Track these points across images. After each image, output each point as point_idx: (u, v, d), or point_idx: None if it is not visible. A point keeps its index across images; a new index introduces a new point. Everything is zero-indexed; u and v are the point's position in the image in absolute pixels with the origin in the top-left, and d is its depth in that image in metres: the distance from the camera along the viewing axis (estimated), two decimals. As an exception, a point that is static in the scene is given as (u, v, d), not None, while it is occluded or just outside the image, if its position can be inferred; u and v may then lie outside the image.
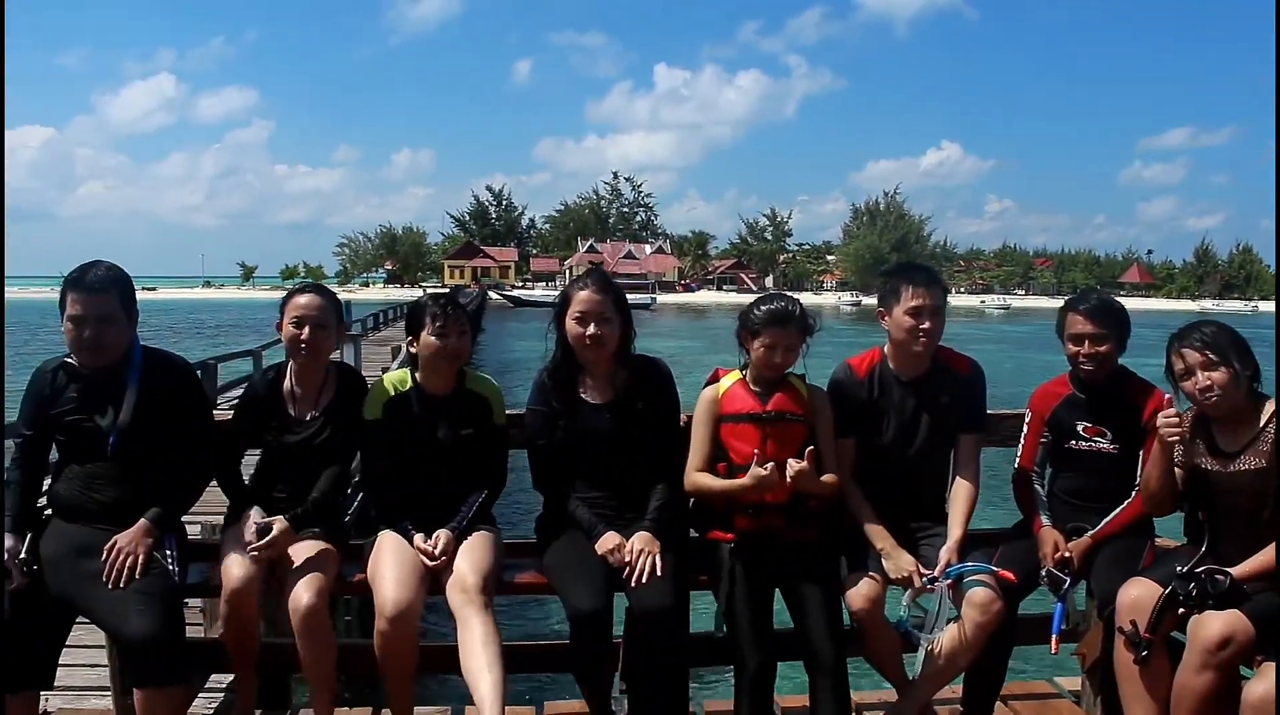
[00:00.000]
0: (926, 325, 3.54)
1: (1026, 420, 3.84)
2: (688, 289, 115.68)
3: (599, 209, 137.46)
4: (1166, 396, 3.33)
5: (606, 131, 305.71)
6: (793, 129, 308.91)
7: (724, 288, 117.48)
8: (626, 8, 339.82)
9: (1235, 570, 3.14)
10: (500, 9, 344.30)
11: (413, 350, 3.61)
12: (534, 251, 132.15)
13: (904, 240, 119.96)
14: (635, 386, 3.59)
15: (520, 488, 4.01)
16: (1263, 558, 3.14)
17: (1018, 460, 3.84)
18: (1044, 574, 3.52)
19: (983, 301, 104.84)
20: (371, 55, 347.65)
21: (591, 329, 3.49)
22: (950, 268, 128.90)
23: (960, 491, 3.64)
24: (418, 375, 3.64)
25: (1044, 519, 3.69)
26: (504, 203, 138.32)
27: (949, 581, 3.43)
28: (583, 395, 3.60)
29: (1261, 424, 3.23)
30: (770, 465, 3.31)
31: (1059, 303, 4.13)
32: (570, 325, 3.53)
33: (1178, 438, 3.25)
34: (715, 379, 3.61)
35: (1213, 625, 3.04)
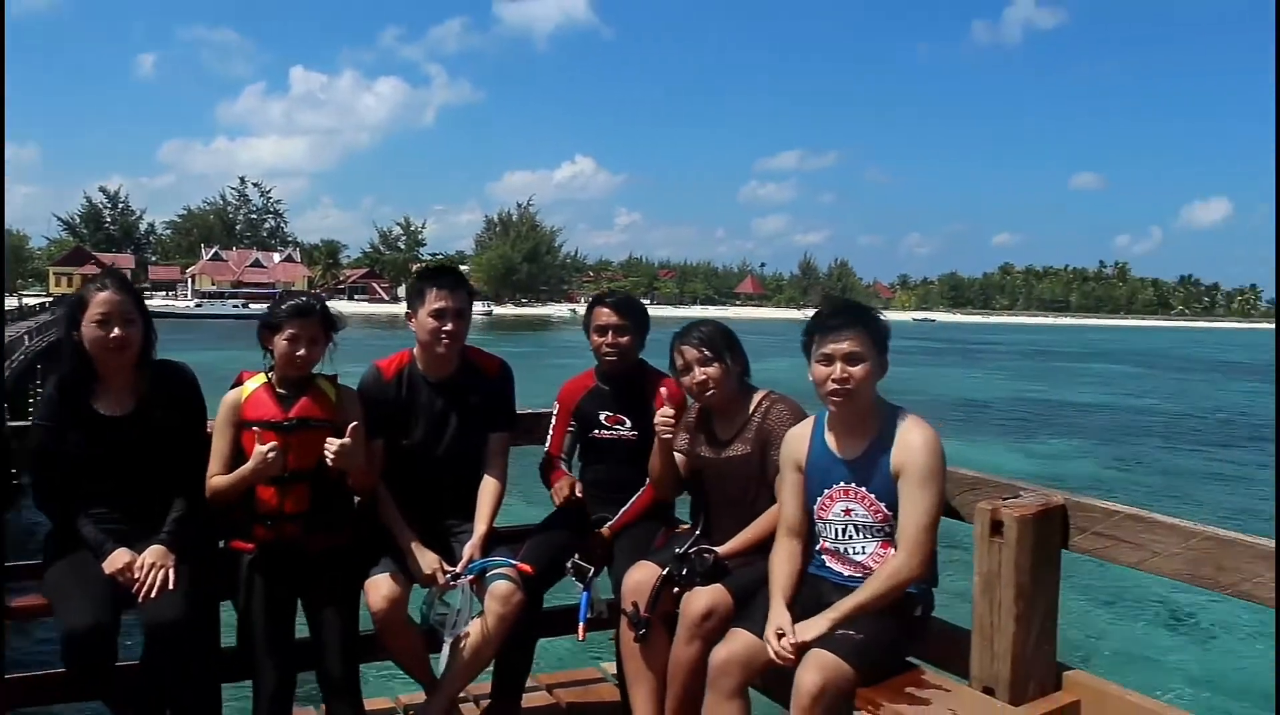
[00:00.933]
0: (449, 327, 3.59)
1: (555, 412, 4.02)
2: (317, 299, 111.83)
3: (225, 215, 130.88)
4: (663, 388, 3.55)
5: (238, 134, 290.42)
6: (432, 138, 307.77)
7: (355, 298, 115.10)
8: (261, 5, 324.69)
9: (721, 548, 3.41)
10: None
11: None
12: (153, 259, 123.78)
13: (535, 251, 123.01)
14: (156, 395, 3.40)
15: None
16: (745, 536, 3.43)
17: (546, 448, 4.01)
18: (569, 565, 3.67)
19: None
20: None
21: (115, 332, 3.27)
22: (580, 278, 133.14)
23: (486, 488, 3.72)
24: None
25: (565, 470, 3.93)
26: (120, 206, 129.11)
27: (471, 577, 3.50)
28: (96, 407, 3.36)
29: (749, 413, 3.53)
30: (273, 445, 3.27)
31: (681, 312, 4.37)
32: (90, 329, 3.29)
33: (670, 434, 3.49)
34: (239, 382, 3.50)
35: (698, 600, 3.28)
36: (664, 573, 3.38)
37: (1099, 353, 79.68)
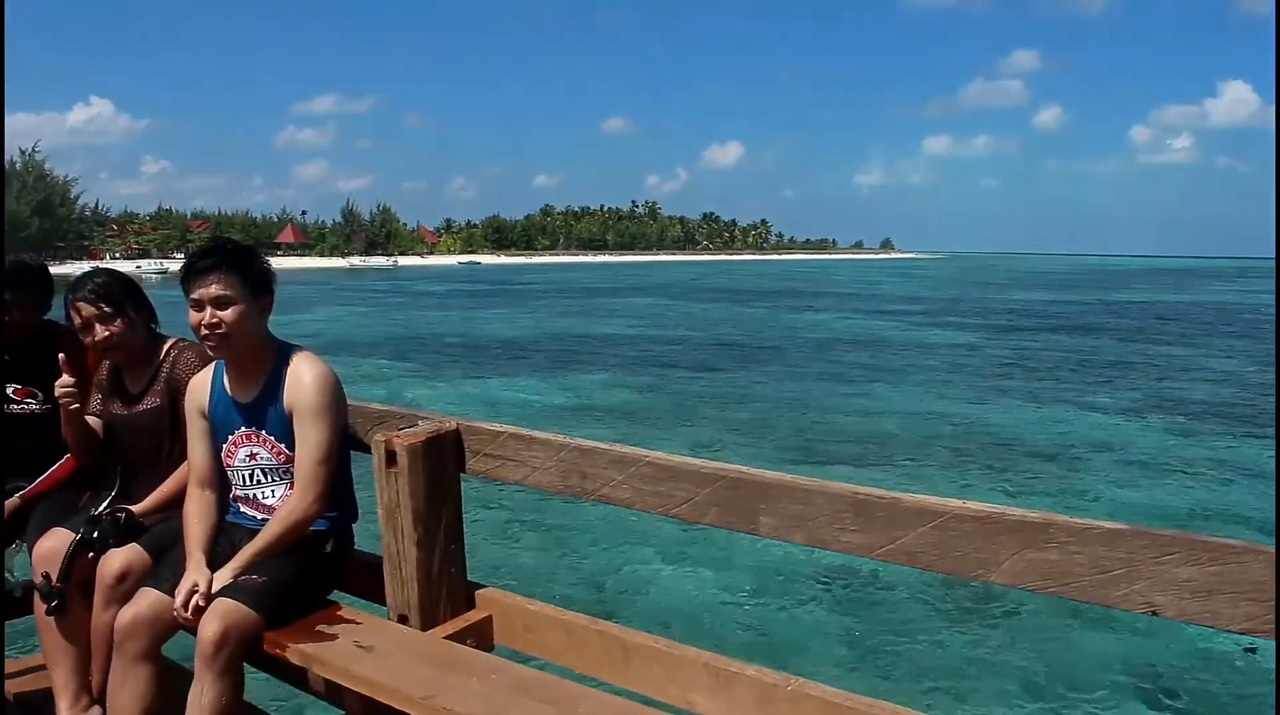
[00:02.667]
0: None
1: None
2: None
3: None
4: (62, 358, 3.22)
5: None
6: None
7: None
8: None
9: (136, 506, 3.24)
10: None
11: None
12: None
13: (48, 203, 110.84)
14: None
15: None
16: (161, 491, 3.28)
17: None
18: None
19: (139, 266, 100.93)
20: None
21: None
22: (103, 232, 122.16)
23: None
24: None
25: None
26: None
27: None
28: None
29: (158, 363, 3.35)
30: None
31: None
32: None
33: (75, 404, 3.24)
34: None
35: (113, 562, 3.08)
36: (77, 537, 3.15)
37: (634, 288, 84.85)
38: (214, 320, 2.89)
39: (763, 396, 24.04)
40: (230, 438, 3.06)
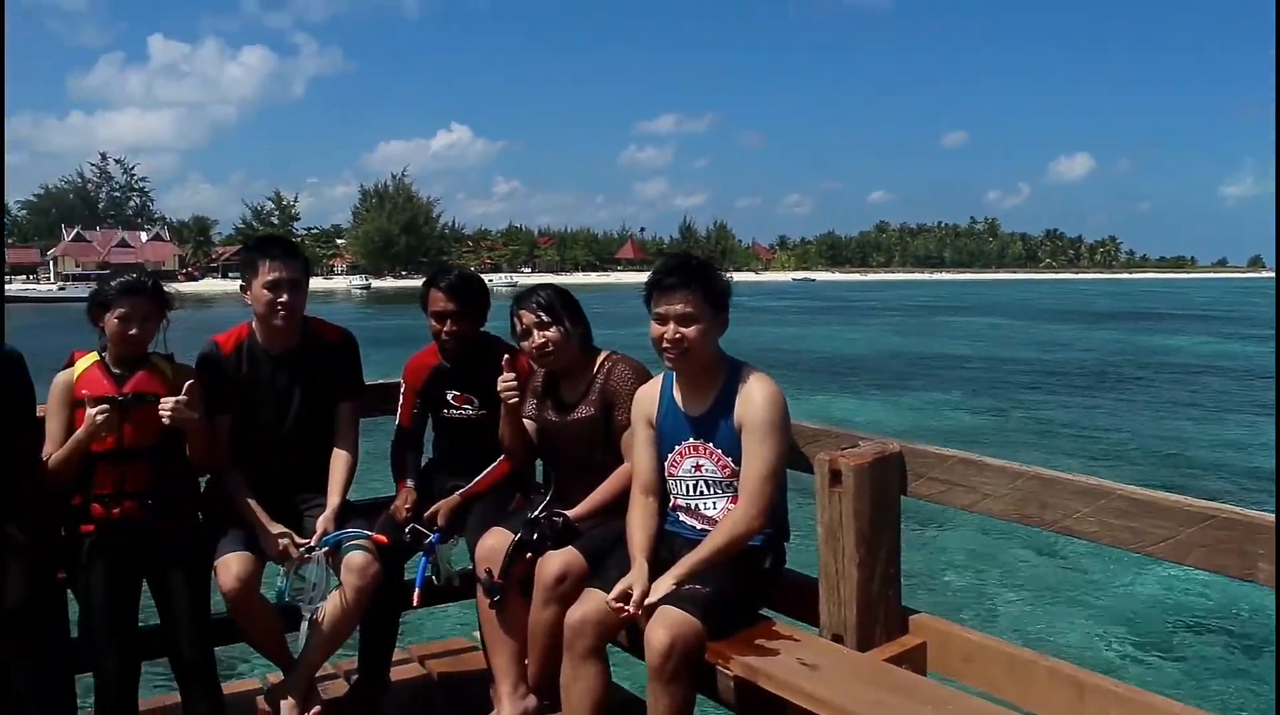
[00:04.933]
0: (285, 298, 3.50)
1: (402, 390, 3.95)
2: (190, 278, 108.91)
3: (86, 193, 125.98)
4: (505, 357, 3.49)
5: (95, 108, 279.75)
6: (302, 109, 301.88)
7: (229, 276, 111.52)
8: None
9: (571, 511, 3.41)
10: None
11: None
12: (11, 241, 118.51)
13: (413, 222, 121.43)
14: None
15: None
16: (594, 498, 3.44)
17: (396, 426, 3.95)
18: (407, 531, 3.64)
19: (491, 280, 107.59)
20: None
21: None
22: (460, 248, 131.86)
23: (338, 460, 3.67)
24: None
25: (409, 482, 3.83)
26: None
27: (325, 550, 3.45)
28: None
29: (592, 375, 3.53)
30: (104, 407, 3.16)
31: (562, 279, 4.28)
32: None
33: (516, 398, 3.47)
34: (71, 362, 3.38)
35: (552, 564, 3.27)
36: (516, 538, 3.37)
37: (973, 307, 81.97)
38: (677, 336, 3.02)
39: (1119, 424, 22.49)
40: (676, 448, 3.18)
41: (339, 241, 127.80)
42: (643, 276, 3.77)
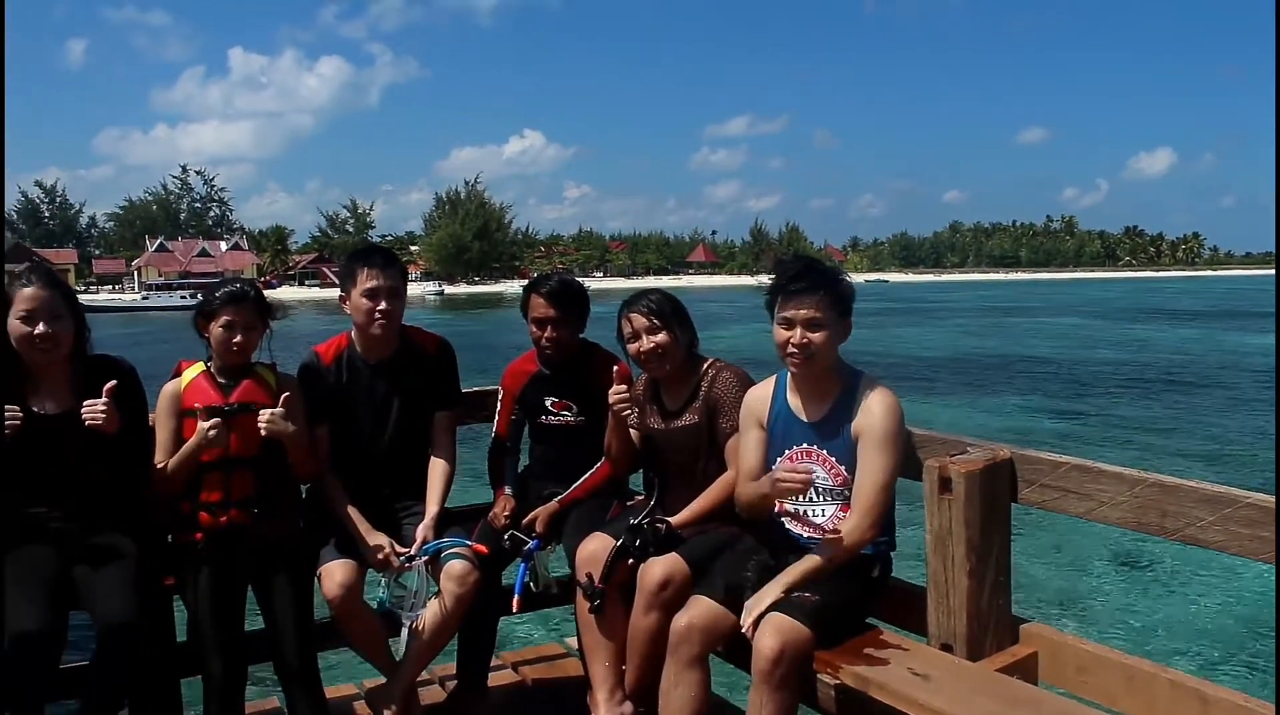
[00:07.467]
0: (384, 306, 3.54)
1: (500, 397, 3.96)
2: (268, 286, 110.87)
3: (168, 205, 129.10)
4: (617, 368, 3.48)
5: (178, 120, 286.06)
6: (377, 117, 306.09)
7: (306, 283, 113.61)
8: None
9: (674, 518, 3.39)
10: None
11: None
12: (97, 252, 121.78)
13: (486, 228, 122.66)
14: (92, 391, 3.32)
15: None
16: (697, 505, 3.42)
17: (494, 434, 3.97)
18: (505, 537, 3.65)
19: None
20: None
21: (40, 328, 3.18)
22: (531, 253, 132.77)
23: (436, 469, 3.70)
24: None
25: (507, 489, 3.84)
26: (58, 200, 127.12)
27: (425, 558, 3.48)
28: (30, 405, 3.26)
29: (697, 382, 3.51)
30: (215, 421, 3.23)
31: (634, 283, 4.27)
32: (15, 326, 3.20)
33: (628, 411, 3.47)
34: (179, 372, 3.45)
35: (655, 570, 3.26)
36: (618, 544, 3.36)
37: (1051, 306, 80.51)
38: (803, 341, 2.99)
39: (1207, 426, 21.90)
40: (786, 452, 3.15)
41: (413, 248, 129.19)
42: (715, 280, 3.74)
